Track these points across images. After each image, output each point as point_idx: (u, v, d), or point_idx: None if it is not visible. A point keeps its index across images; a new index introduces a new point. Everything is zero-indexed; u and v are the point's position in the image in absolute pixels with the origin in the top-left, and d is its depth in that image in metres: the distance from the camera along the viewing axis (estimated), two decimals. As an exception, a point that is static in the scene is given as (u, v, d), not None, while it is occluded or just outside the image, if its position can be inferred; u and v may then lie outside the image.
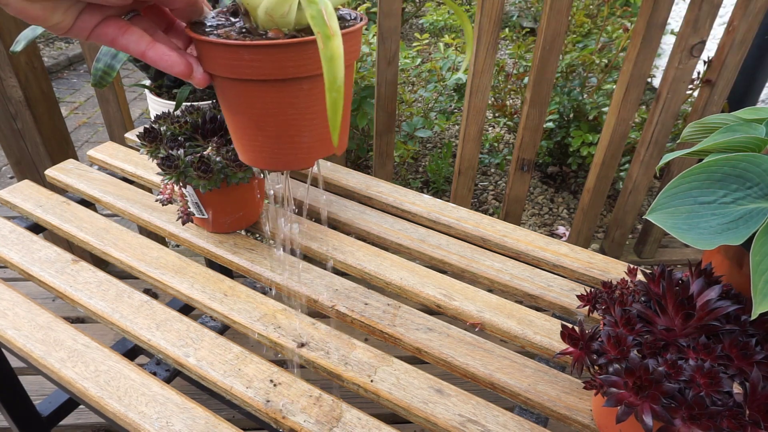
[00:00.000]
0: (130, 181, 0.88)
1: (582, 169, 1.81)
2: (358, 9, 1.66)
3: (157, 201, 0.69)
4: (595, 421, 0.53)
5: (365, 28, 1.71)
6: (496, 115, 1.82)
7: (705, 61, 1.19)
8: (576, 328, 0.48)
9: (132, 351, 0.89)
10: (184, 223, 0.70)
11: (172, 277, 0.67)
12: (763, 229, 0.41)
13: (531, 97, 1.15)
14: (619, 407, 0.41)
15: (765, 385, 0.39)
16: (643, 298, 0.48)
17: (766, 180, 0.43)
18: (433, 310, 0.67)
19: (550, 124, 1.61)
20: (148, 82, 0.97)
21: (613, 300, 0.49)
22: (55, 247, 0.72)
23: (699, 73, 1.24)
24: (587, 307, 0.52)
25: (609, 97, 1.62)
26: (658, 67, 2.15)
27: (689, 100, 1.52)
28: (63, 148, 1.20)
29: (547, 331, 0.62)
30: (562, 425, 0.55)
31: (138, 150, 0.75)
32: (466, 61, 0.40)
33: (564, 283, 0.70)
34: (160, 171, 0.65)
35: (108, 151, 0.92)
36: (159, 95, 0.94)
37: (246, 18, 0.35)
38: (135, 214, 0.78)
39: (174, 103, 0.89)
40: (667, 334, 0.44)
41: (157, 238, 1.29)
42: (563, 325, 0.48)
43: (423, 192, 1.52)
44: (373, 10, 2.05)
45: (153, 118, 0.74)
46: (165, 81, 0.95)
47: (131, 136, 0.99)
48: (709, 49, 1.26)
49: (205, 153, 0.66)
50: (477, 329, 0.63)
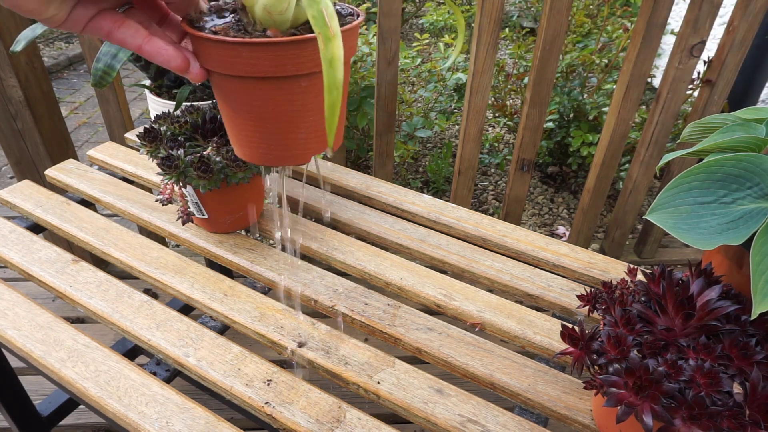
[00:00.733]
0: (130, 181, 0.88)
1: (582, 169, 1.81)
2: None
3: (157, 201, 0.69)
4: (595, 421, 0.53)
5: (365, 27, 1.71)
6: (496, 115, 1.82)
7: (705, 61, 1.19)
8: (576, 328, 0.48)
9: (132, 351, 0.88)
10: (184, 223, 0.70)
11: (172, 277, 0.67)
12: (763, 229, 0.41)
13: (531, 97, 1.15)
14: (619, 407, 0.41)
15: (765, 385, 0.39)
16: (643, 298, 0.48)
17: (766, 180, 0.43)
18: (433, 310, 0.67)
19: (550, 124, 1.61)
20: (148, 82, 0.97)
21: (613, 300, 0.49)
22: (55, 247, 0.72)
23: (699, 73, 1.24)
24: (587, 307, 0.52)
25: (609, 97, 1.63)
26: (658, 67, 2.15)
27: (689, 100, 1.52)
28: (63, 148, 1.20)
29: (547, 331, 0.62)
30: (562, 425, 0.55)
31: (138, 150, 0.75)
32: (456, 52, 0.39)
33: (564, 283, 0.70)
34: (160, 171, 0.65)
35: (108, 151, 0.92)
36: (159, 95, 0.94)
37: (243, 13, 0.35)
38: (135, 214, 0.78)
39: (174, 103, 0.89)
40: (667, 334, 0.44)
41: (157, 238, 1.29)
42: (563, 325, 0.48)
43: (423, 192, 1.52)
44: (373, 10, 2.05)
45: (153, 118, 0.74)
46: (165, 81, 0.95)
47: (131, 136, 0.99)
48: (709, 49, 1.26)
49: (205, 153, 0.66)
50: (477, 329, 0.63)
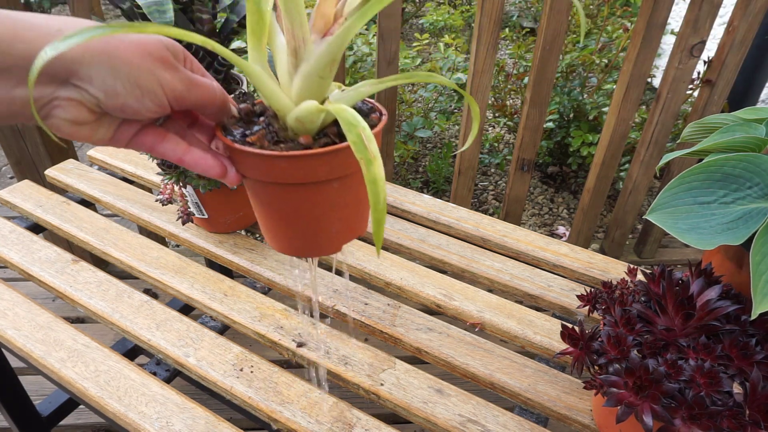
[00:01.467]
0: (130, 181, 0.88)
1: (582, 169, 1.81)
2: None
3: (157, 201, 0.69)
4: (595, 421, 0.53)
5: (365, 27, 1.71)
6: (496, 115, 1.82)
7: (705, 61, 1.19)
8: (576, 328, 0.48)
9: (132, 351, 0.88)
10: (184, 223, 0.70)
11: (172, 277, 0.67)
12: (763, 228, 0.41)
13: (531, 97, 1.15)
14: (619, 407, 0.41)
15: (765, 385, 0.39)
16: (643, 298, 0.48)
17: (766, 180, 0.43)
18: (433, 310, 0.67)
19: (550, 124, 1.61)
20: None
21: (613, 300, 0.49)
22: (55, 247, 0.72)
23: (699, 73, 1.24)
24: (587, 307, 0.52)
25: (609, 97, 1.62)
26: (658, 67, 2.15)
27: (689, 100, 1.52)
28: (63, 148, 1.20)
29: (547, 331, 0.62)
30: (562, 425, 0.55)
31: (138, 150, 0.75)
32: (471, 139, 0.40)
33: (564, 283, 0.70)
34: (160, 171, 0.65)
35: (108, 151, 0.92)
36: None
37: (274, 120, 0.37)
38: (135, 214, 0.78)
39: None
40: (667, 334, 0.44)
41: (157, 238, 1.29)
42: (563, 325, 0.48)
43: (423, 192, 1.52)
44: (373, 10, 2.05)
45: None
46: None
47: (131, 136, 0.99)
48: (709, 49, 1.26)
49: (205, 153, 0.65)
50: (477, 329, 0.63)
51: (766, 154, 0.45)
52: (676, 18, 2.12)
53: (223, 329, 0.66)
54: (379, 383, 0.56)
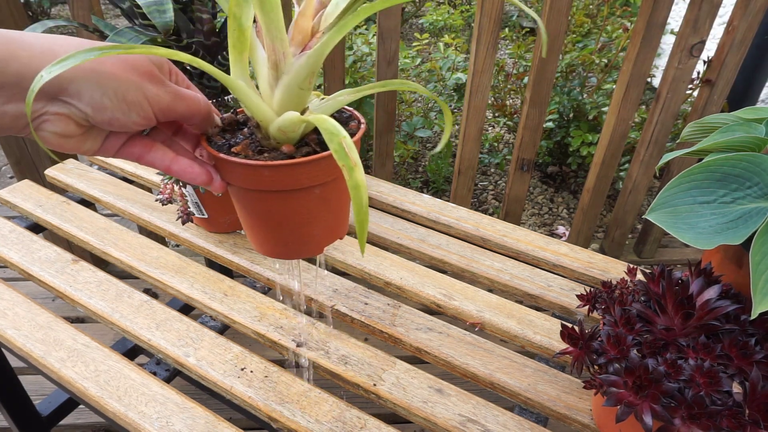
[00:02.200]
0: (130, 181, 0.88)
1: (582, 168, 1.81)
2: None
3: (157, 201, 0.69)
4: (594, 421, 0.53)
5: (365, 27, 1.71)
6: (496, 114, 1.82)
7: (705, 61, 1.19)
8: (576, 328, 0.48)
9: (132, 351, 0.88)
10: (184, 222, 0.70)
11: (172, 276, 0.67)
12: (762, 228, 0.41)
13: (531, 96, 1.15)
14: (618, 407, 0.42)
15: (764, 385, 0.39)
16: (642, 298, 0.48)
17: (766, 180, 0.43)
18: (433, 310, 0.67)
19: (550, 124, 1.61)
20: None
21: (613, 300, 0.49)
22: (55, 247, 0.72)
23: (699, 72, 1.24)
24: (587, 307, 0.52)
25: (609, 96, 1.62)
26: (658, 67, 2.15)
27: (689, 99, 1.52)
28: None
29: (547, 331, 0.62)
30: (562, 425, 0.55)
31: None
32: (442, 143, 0.42)
33: (564, 282, 0.70)
34: (159, 171, 0.65)
35: (108, 151, 0.92)
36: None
37: (257, 130, 0.38)
38: (135, 213, 0.78)
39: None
40: (667, 333, 0.44)
41: (157, 238, 1.29)
42: (563, 325, 0.48)
43: (423, 192, 1.52)
44: (372, 10, 2.05)
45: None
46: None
47: (131, 135, 0.99)
48: (709, 49, 1.26)
49: (205, 153, 0.66)
50: (477, 329, 0.63)
51: (765, 154, 0.46)
52: (676, 18, 2.12)
53: (223, 329, 0.66)
54: (379, 383, 0.56)
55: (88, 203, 0.83)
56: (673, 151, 0.54)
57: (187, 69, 0.61)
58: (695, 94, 1.42)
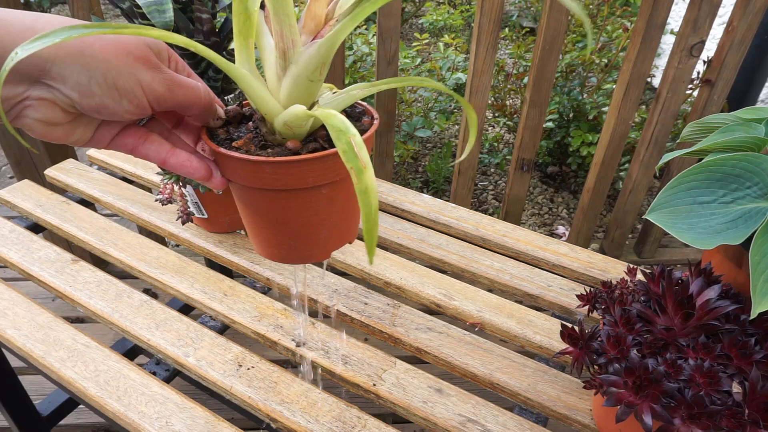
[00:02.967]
0: (130, 181, 0.88)
1: (582, 168, 1.81)
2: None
3: (156, 201, 0.69)
4: (594, 421, 0.53)
5: (365, 27, 1.71)
6: (496, 115, 1.82)
7: (705, 61, 1.19)
8: (576, 328, 0.48)
9: (132, 351, 0.89)
10: (183, 222, 0.70)
11: (171, 277, 0.67)
12: (762, 228, 0.41)
13: (531, 96, 1.15)
14: (618, 407, 0.42)
15: (764, 385, 0.39)
16: (642, 298, 0.48)
17: (766, 180, 0.43)
18: (432, 310, 0.67)
19: (550, 124, 1.61)
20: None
21: (613, 300, 0.49)
22: (54, 247, 0.72)
23: (699, 72, 1.24)
24: (587, 307, 0.52)
25: (609, 96, 1.63)
26: (658, 67, 2.15)
27: (689, 99, 1.52)
28: (63, 148, 1.20)
29: (546, 331, 0.62)
30: (562, 425, 0.55)
31: (119, 151, 0.75)
32: (470, 145, 0.38)
33: (564, 282, 0.70)
34: (159, 171, 0.65)
35: (108, 151, 0.92)
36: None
37: (262, 123, 0.35)
38: (135, 213, 0.78)
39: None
40: (667, 333, 0.44)
41: (157, 237, 1.29)
42: (563, 325, 0.48)
43: (423, 192, 1.52)
44: (372, 10, 2.05)
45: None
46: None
47: (131, 135, 0.99)
48: (709, 49, 1.26)
49: (204, 153, 0.65)
50: (477, 329, 0.63)
51: (765, 154, 0.46)
52: (676, 18, 2.12)
53: (223, 329, 0.66)
54: (379, 383, 0.56)
55: (87, 203, 0.83)
56: (673, 151, 0.54)
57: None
58: (695, 94, 1.42)
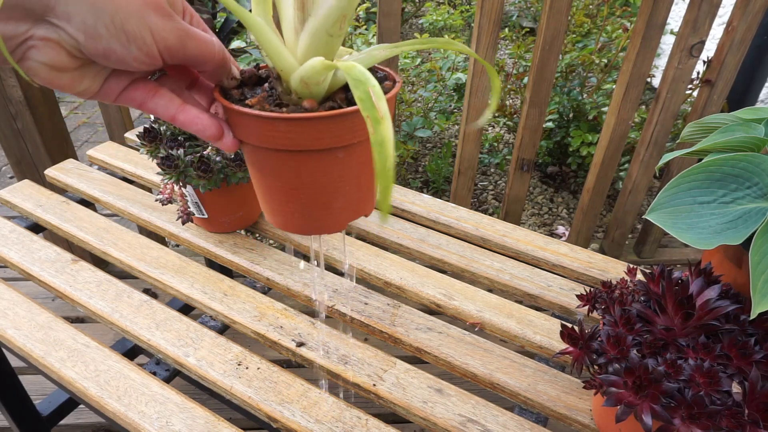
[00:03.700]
0: (130, 181, 0.88)
1: (582, 168, 1.81)
2: (357, 9, 1.66)
3: (157, 201, 0.69)
4: (594, 421, 0.53)
5: (365, 27, 1.71)
6: (496, 115, 1.82)
7: (704, 61, 1.19)
8: (576, 328, 0.48)
9: (132, 351, 0.89)
10: (184, 222, 0.70)
11: (172, 276, 0.67)
12: (762, 228, 0.41)
13: (531, 96, 1.15)
14: (618, 407, 0.42)
15: (764, 385, 0.39)
16: (642, 298, 0.48)
17: (766, 180, 0.43)
18: (432, 310, 0.67)
19: (550, 124, 1.61)
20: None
21: (613, 300, 0.49)
22: (54, 247, 0.72)
23: (698, 73, 1.24)
24: (587, 307, 0.52)
25: (609, 97, 1.63)
26: (657, 67, 2.15)
27: (689, 100, 1.52)
28: (63, 148, 1.20)
29: (546, 331, 0.62)
30: (562, 425, 0.55)
31: (138, 150, 0.75)
32: (489, 111, 0.37)
33: (564, 282, 0.70)
34: (159, 171, 0.65)
35: (108, 151, 0.92)
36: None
37: (277, 82, 0.34)
38: (135, 213, 0.78)
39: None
40: (667, 333, 0.44)
41: (157, 237, 1.29)
42: (563, 325, 0.48)
43: (423, 192, 1.52)
44: (372, 10, 2.05)
45: (153, 118, 0.74)
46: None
47: (131, 135, 0.99)
48: (709, 49, 1.26)
49: (204, 153, 0.66)
50: (477, 329, 0.63)
51: (765, 154, 0.46)
52: (676, 18, 2.12)
53: (223, 329, 0.66)
54: (379, 383, 0.56)
55: (87, 203, 0.83)
56: (673, 152, 0.54)
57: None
58: (695, 94, 1.42)
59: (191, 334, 0.60)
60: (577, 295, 0.53)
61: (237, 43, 0.72)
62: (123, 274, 0.90)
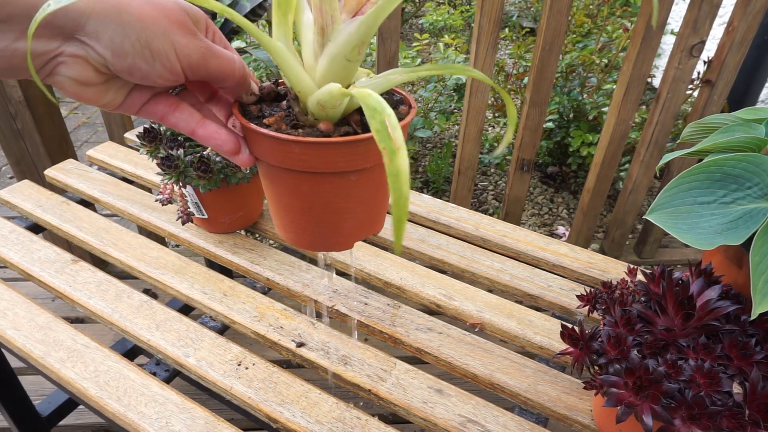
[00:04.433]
0: (130, 181, 0.88)
1: (582, 169, 1.81)
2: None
3: (156, 201, 0.69)
4: (595, 422, 0.53)
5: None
6: (496, 115, 1.82)
7: (705, 61, 1.19)
8: (576, 328, 0.48)
9: (131, 351, 0.88)
10: (183, 223, 0.70)
11: (171, 277, 0.67)
12: (762, 228, 0.41)
13: (531, 97, 1.15)
14: (619, 407, 0.41)
15: (764, 385, 0.39)
16: (643, 298, 0.48)
17: (766, 180, 0.43)
18: (433, 310, 0.67)
19: (550, 124, 1.61)
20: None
21: (613, 300, 0.49)
22: (54, 247, 0.72)
23: (699, 73, 1.24)
24: (587, 307, 0.52)
25: (609, 97, 1.63)
26: (658, 67, 2.15)
27: (689, 100, 1.52)
28: (63, 148, 1.20)
29: (547, 331, 0.62)
30: (562, 425, 0.55)
31: (138, 150, 0.75)
32: (505, 142, 0.36)
33: (564, 283, 0.69)
34: (159, 171, 0.65)
35: (107, 151, 0.92)
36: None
37: (295, 102, 0.35)
38: (135, 214, 0.78)
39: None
40: (667, 334, 0.44)
41: (157, 238, 1.29)
42: (563, 325, 0.48)
43: (423, 192, 1.52)
44: (372, 10, 2.05)
45: (153, 118, 0.74)
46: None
47: (131, 135, 0.99)
48: (709, 49, 1.26)
49: (204, 153, 0.66)
50: (477, 329, 0.63)
51: (765, 154, 0.45)
52: (676, 18, 2.12)
53: (223, 329, 0.65)
54: (379, 383, 0.56)
55: (87, 203, 0.83)
56: (673, 152, 0.54)
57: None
58: (695, 94, 1.42)
59: (191, 335, 0.60)
60: (577, 296, 0.53)
61: (237, 43, 0.72)
62: (123, 275, 0.90)
